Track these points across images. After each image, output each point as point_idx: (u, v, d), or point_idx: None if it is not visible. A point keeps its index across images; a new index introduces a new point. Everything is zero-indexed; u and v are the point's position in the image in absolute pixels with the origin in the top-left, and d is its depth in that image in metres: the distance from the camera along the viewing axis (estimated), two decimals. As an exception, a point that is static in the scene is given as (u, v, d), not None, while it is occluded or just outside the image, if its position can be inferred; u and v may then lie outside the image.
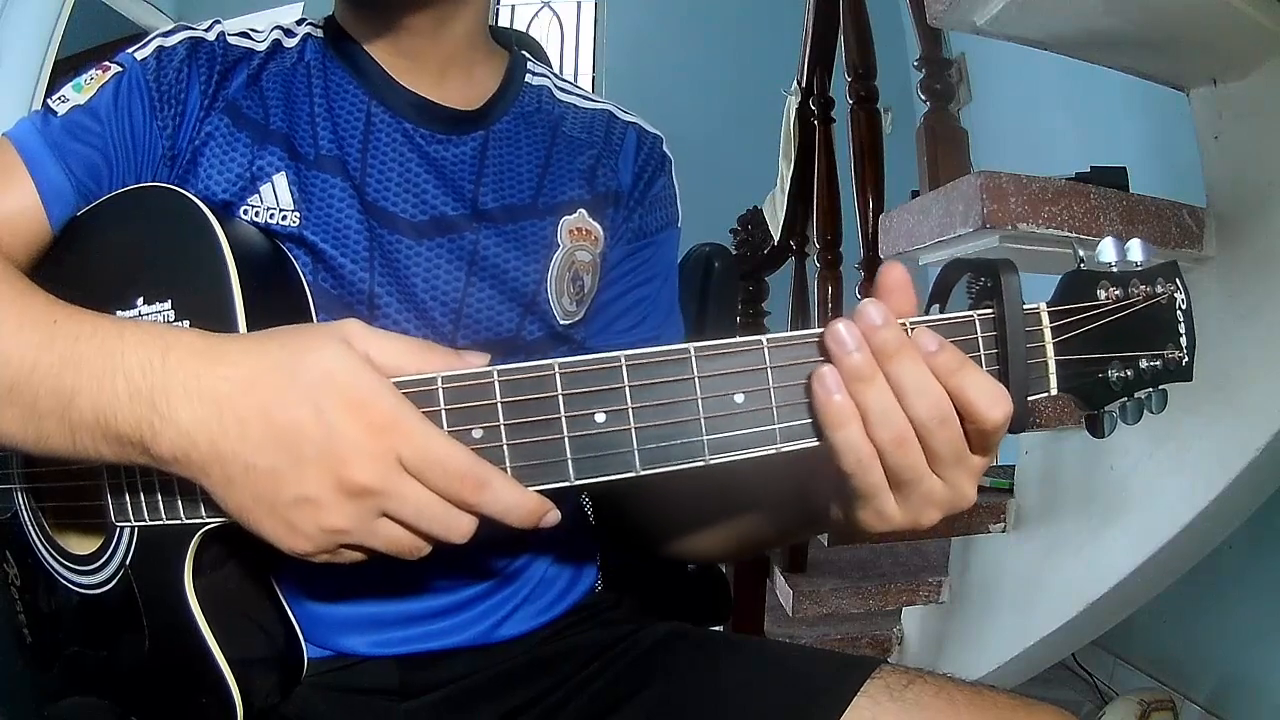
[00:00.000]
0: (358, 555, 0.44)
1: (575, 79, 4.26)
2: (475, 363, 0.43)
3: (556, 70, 0.77)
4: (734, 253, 2.27)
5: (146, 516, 0.50)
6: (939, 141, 1.62)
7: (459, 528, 0.42)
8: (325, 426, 0.40)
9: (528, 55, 0.74)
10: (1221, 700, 1.73)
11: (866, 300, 0.41)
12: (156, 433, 0.41)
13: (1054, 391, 0.44)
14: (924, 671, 0.59)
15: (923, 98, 1.70)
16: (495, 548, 0.66)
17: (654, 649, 0.67)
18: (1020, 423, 0.42)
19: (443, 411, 0.42)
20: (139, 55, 0.61)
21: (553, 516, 0.43)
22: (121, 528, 0.52)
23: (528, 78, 0.72)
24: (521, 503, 0.42)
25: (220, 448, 0.41)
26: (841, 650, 1.66)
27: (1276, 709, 1.59)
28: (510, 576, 0.67)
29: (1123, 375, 0.45)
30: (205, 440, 0.41)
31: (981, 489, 1.71)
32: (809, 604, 1.67)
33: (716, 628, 0.90)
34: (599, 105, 0.74)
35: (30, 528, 0.59)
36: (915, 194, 1.56)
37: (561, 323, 0.66)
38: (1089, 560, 1.36)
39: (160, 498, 0.49)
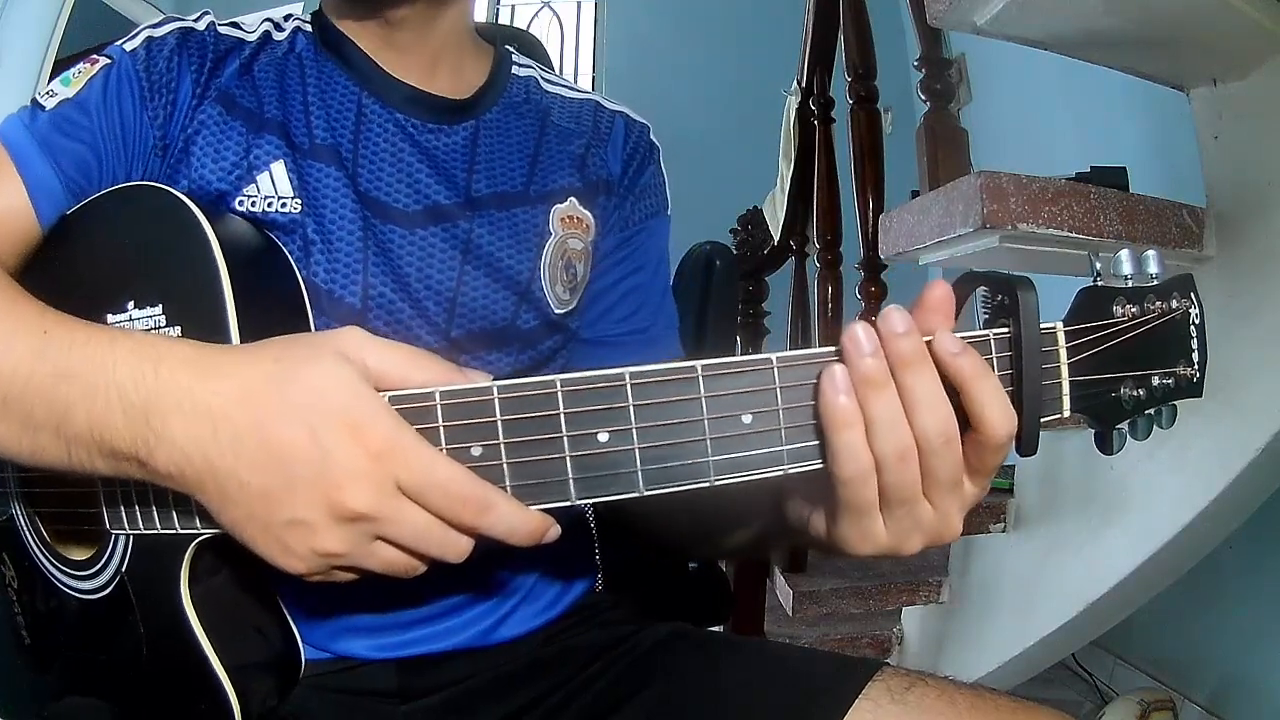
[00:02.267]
0: (352, 575, 0.43)
1: (575, 79, 4.26)
2: (477, 380, 0.42)
3: (557, 70, 0.77)
4: (734, 253, 2.28)
5: (141, 525, 0.50)
6: (939, 141, 1.62)
7: (456, 549, 0.42)
8: (319, 449, 0.39)
9: (512, 50, 0.75)
10: (1221, 700, 1.73)
11: (893, 306, 0.40)
12: (152, 449, 0.41)
13: (1067, 413, 0.44)
14: (925, 674, 0.59)
15: (923, 98, 1.70)
16: (492, 550, 0.66)
17: (654, 650, 0.66)
18: (1031, 444, 0.42)
19: (441, 428, 0.41)
20: (128, 47, 0.60)
21: (554, 532, 0.42)
22: (117, 534, 0.52)
23: (514, 69, 0.72)
24: (525, 523, 0.41)
25: (215, 464, 0.40)
26: (841, 650, 1.66)
27: (1277, 709, 1.59)
28: (507, 578, 0.67)
29: (1135, 394, 0.44)
30: (200, 456, 0.40)
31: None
32: (809, 604, 1.66)
33: (716, 628, 0.90)
34: (585, 95, 0.74)
35: (27, 532, 0.59)
36: (915, 194, 1.56)
37: (556, 311, 0.66)
38: (1089, 560, 1.36)
39: (155, 508, 0.49)
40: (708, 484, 0.41)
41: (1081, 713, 1.82)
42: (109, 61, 0.59)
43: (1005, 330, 0.42)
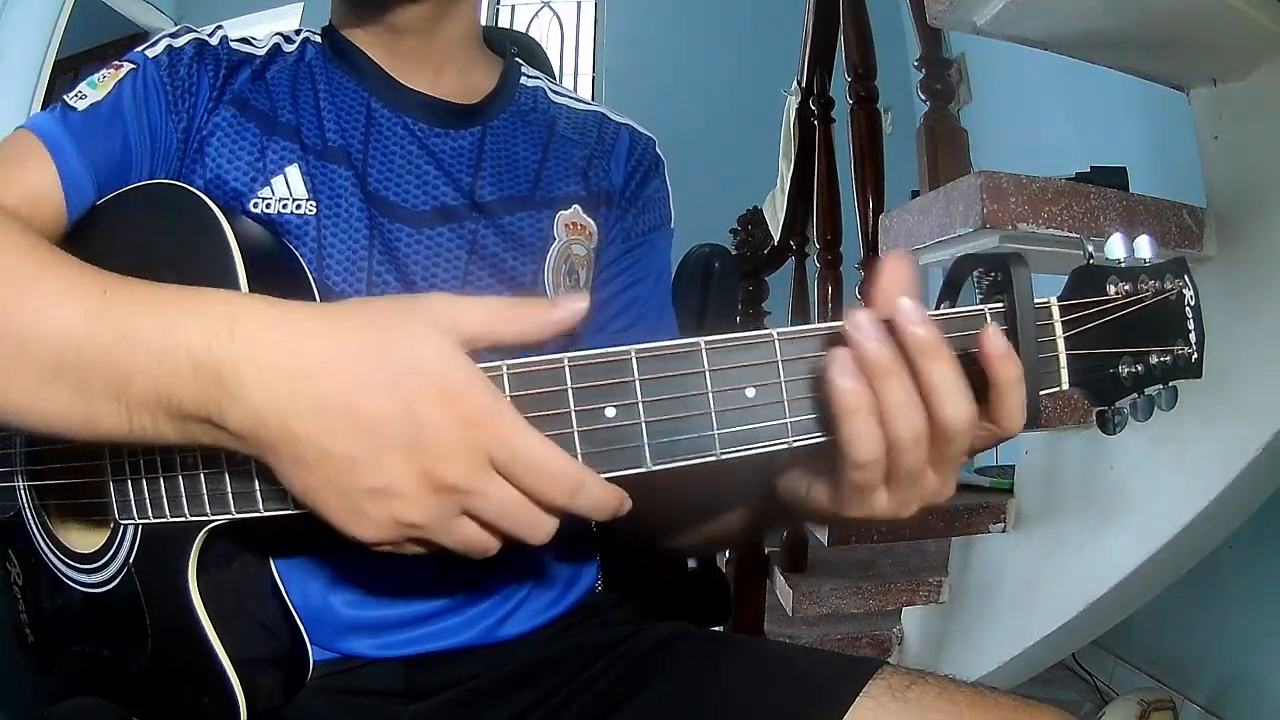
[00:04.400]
0: (421, 549, 0.42)
1: (575, 79, 4.26)
2: (576, 306, 0.41)
3: (555, 69, 0.78)
4: (734, 253, 2.28)
5: (150, 514, 0.50)
6: (939, 141, 1.62)
7: (541, 530, 0.40)
8: (413, 419, 0.38)
9: (521, 61, 0.76)
10: (1221, 700, 1.73)
11: (905, 297, 0.40)
12: (224, 410, 0.39)
13: (1065, 386, 0.44)
14: (925, 672, 0.59)
15: (923, 98, 1.70)
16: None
17: (655, 649, 0.67)
18: (1033, 416, 0.42)
19: None
20: (150, 53, 0.62)
21: (628, 504, 0.41)
22: (125, 525, 0.52)
23: (523, 80, 0.74)
24: (608, 500, 0.40)
25: (293, 429, 0.38)
26: (841, 650, 1.66)
27: (1277, 709, 1.59)
28: (510, 575, 0.67)
29: (1133, 371, 0.45)
30: (277, 421, 0.38)
31: (981, 489, 1.70)
32: (809, 604, 1.67)
33: (717, 628, 0.90)
34: (592, 108, 0.75)
35: (33, 526, 0.59)
36: (915, 194, 1.56)
37: None
38: (1089, 560, 1.36)
39: (165, 495, 0.49)
40: (714, 458, 0.41)
41: (1081, 713, 1.82)
42: (134, 66, 0.61)
43: (1000, 305, 0.43)
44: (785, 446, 0.42)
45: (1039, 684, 1.77)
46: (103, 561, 0.54)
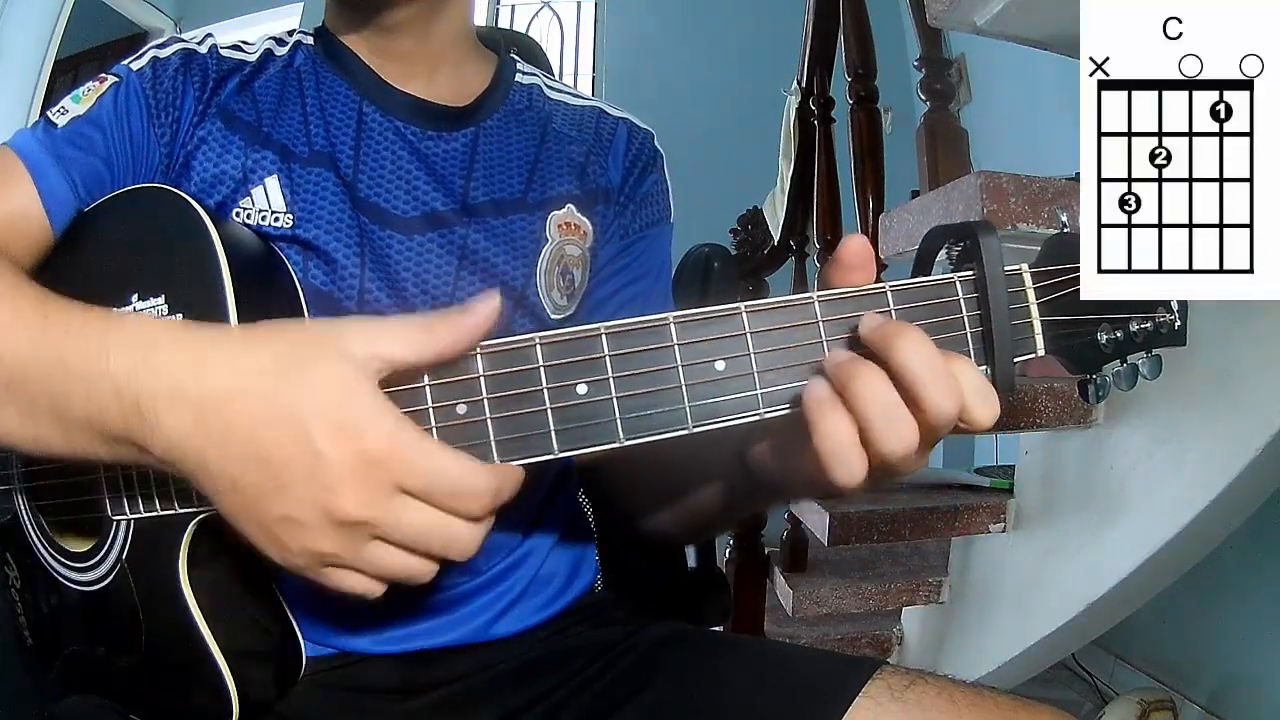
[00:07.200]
0: (353, 579, 0.42)
1: (575, 79, 4.27)
2: (487, 306, 0.41)
3: (555, 69, 0.78)
4: (734, 253, 2.28)
5: (142, 508, 0.50)
6: (939, 141, 1.62)
7: (464, 543, 0.41)
8: (312, 452, 0.38)
9: (517, 57, 0.75)
10: (1221, 700, 1.73)
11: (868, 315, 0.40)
12: (147, 437, 0.40)
13: (1041, 352, 0.44)
14: (925, 672, 0.59)
15: (923, 98, 1.70)
16: (490, 543, 0.66)
17: (654, 649, 0.66)
18: (1007, 383, 0.42)
19: (427, 388, 0.42)
20: (134, 66, 0.62)
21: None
22: (118, 521, 0.52)
23: (518, 77, 0.73)
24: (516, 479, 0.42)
25: (206, 459, 0.40)
26: (841, 650, 1.66)
27: (1277, 709, 1.59)
28: (505, 573, 0.67)
29: (1113, 337, 0.44)
30: (192, 451, 0.40)
31: (981, 489, 1.69)
32: (809, 604, 1.67)
33: (716, 628, 0.90)
34: (589, 103, 0.75)
35: (30, 528, 0.59)
36: (915, 194, 1.56)
37: (553, 317, 0.67)
38: (1089, 560, 1.36)
39: (155, 489, 0.49)
40: (685, 431, 0.42)
41: (1081, 713, 1.82)
42: (117, 80, 0.61)
43: (970, 273, 0.43)
44: (756, 418, 0.42)
45: (1039, 684, 1.77)
46: (96, 559, 0.54)
